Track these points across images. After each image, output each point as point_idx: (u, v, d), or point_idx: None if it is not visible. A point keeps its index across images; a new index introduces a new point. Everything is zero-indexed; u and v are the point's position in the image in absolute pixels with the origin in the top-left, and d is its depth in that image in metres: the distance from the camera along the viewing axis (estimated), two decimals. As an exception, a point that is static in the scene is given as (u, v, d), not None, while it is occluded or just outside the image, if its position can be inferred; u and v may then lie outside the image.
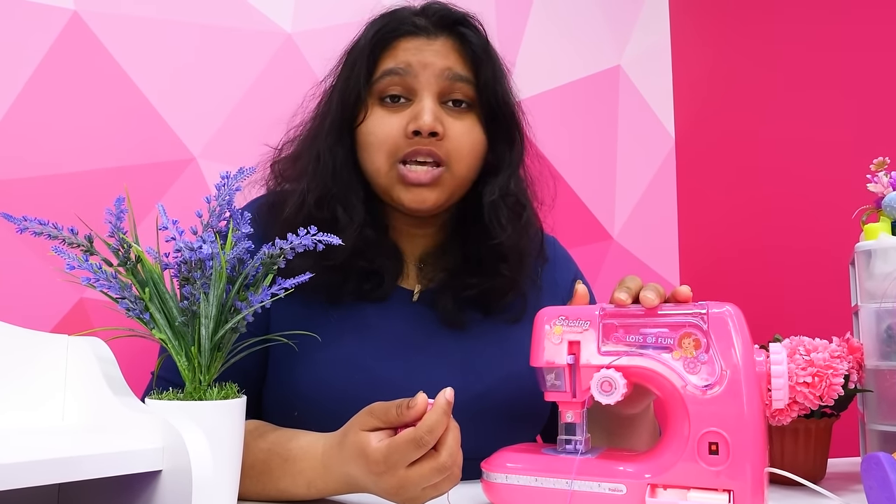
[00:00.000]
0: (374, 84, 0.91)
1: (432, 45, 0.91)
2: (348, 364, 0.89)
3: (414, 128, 0.88)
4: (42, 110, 1.28)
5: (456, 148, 0.90)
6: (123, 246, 0.71)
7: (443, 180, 0.91)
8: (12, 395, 0.73)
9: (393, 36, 0.91)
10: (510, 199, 0.94)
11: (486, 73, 0.92)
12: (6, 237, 1.20)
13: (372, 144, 0.90)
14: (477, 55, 0.92)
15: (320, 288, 0.86)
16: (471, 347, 0.94)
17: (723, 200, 1.70)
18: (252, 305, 0.70)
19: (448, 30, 0.93)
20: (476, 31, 0.94)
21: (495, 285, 0.94)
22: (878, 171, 0.94)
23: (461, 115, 0.92)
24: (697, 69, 1.79)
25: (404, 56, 0.90)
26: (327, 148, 0.91)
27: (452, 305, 0.93)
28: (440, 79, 0.90)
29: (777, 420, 0.83)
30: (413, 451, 0.68)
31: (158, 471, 0.61)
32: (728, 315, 0.71)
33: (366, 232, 0.91)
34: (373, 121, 0.91)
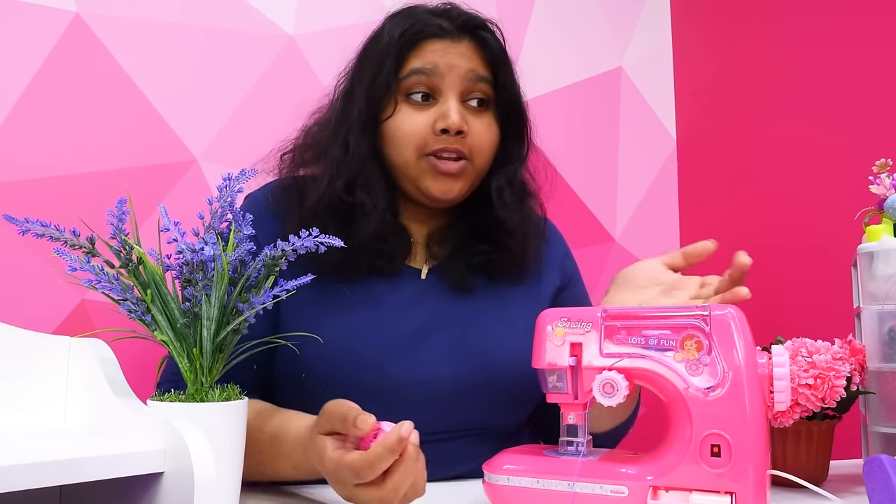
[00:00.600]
0: (400, 81, 0.97)
1: (457, 47, 0.97)
2: (355, 329, 0.95)
3: (443, 126, 0.95)
4: (44, 112, 1.28)
5: (478, 143, 0.98)
6: (125, 247, 0.71)
7: (466, 172, 0.98)
8: (14, 397, 0.73)
9: (420, 37, 0.97)
10: (516, 186, 1.04)
11: (504, 75, 1.00)
12: (8, 238, 1.20)
13: (400, 139, 0.97)
14: (497, 58, 1.00)
15: (338, 266, 0.94)
16: (475, 310, 1.01)
17: (724, 202, 1.70)
18: (254, 307, 0.70)
19: (470, 34, 0.99)
20: (495, 35, 1.01)
21: (501, 255, 1.02)
22: (880, 172, 0.94)
23: (481, 114, 0.99)
24: (699, 70, 1.79)
25: (431, 57, 0.96)
26: (355, 138, 0.97)
27: (462, 269, 1.01)
28: (464, 80, 0.97)
29: (779, 422, 0.83)
30: (354, 478, 0.70)
31: (160, 472, 0.61)
32: (730, 317, 0.71)
33: (387, 217, 0.98)
34: (401, 117, 0.97)
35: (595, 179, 1.76)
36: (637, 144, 1.81)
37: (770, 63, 1.59)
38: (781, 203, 1.55)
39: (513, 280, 1.05)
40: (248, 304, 0.70)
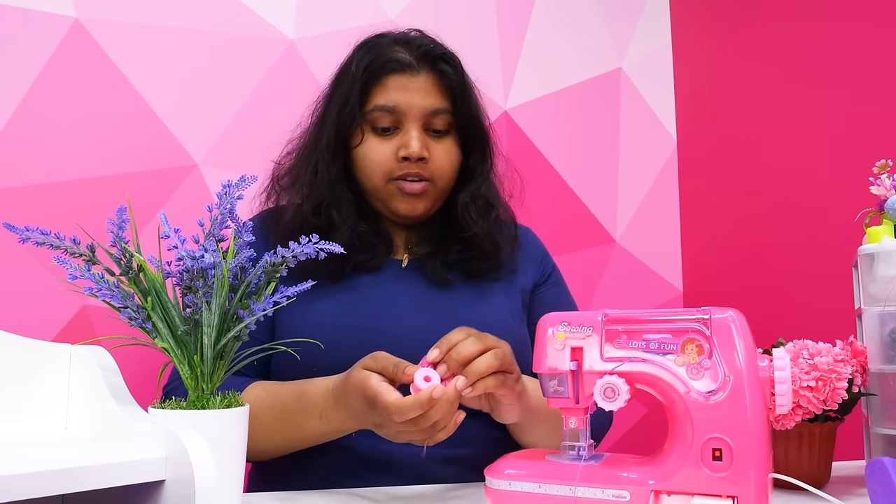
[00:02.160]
0: (366, 115, 1.06)
1: (416, 80, 1.06)
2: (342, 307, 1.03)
3: (404, 154, 1.04)
4: (44, 118, 1.29)
5: (439, 167, 1.07)
6: (125, 255, 0.71)
7: (429, 192, 1.07)
8: (16, 405, 0.73)
9: (381, 73, 1.05)
10: (480, 200, 1.11)
11: (462, 103, 1.08)
12: (8, 245, 1.20)
13: (368, 167, 1.06)
14: (454, 89, 1.08)
15: (323, 270, 1.01)
16: (452, 299, 1.07)
17: (725, 203, 1.70)
18: (254, 314, 0.70)
19: (430, 64, 1.07)
20: (453, 65, 1.08)
21: (474, 255, 1.09)
22: (880, 173, 0.94)
23: (441, 139, 1.08)
24: (699, 71, 1.79)
25: (394, 95, 1.05)
26: (324, 164, 1.06)
27: (439, 266, 1.08)
28: (423, 114, 1.06)
29: (781, 424, 0.83)
30: (385, 414, 0.79)
31: (161, 480, 0.61)
32: (731, 320, 0.70)
33: (360, 228, 1.06)
34: (368, 146, 1.06)
35: (595, 180, 1.76)
36: (637, 145, 1.81)
37: (770, 63, 1.59)
38: (782, 203, 1.55)
39: (489, 277, 1.11)
40: (248, 310, 0.70)
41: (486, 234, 1.09)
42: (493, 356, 0.83)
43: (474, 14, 1.67)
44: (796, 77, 1.53)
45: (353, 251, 1.04)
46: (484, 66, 1.67)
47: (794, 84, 1.54)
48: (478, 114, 1.11)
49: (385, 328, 1.01)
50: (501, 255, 1.11)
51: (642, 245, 1.79)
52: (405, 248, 1.13)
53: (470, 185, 1.11)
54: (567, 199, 1.73)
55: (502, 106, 1.67)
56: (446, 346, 0.83)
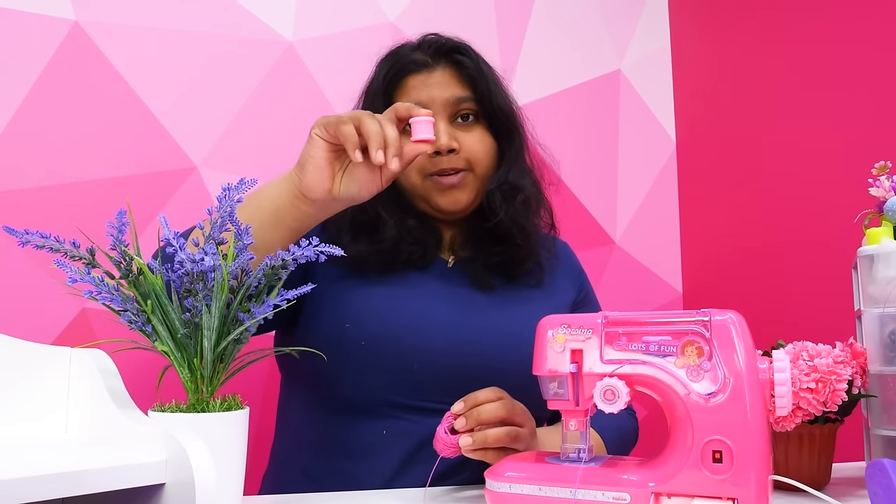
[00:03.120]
0: None
1: (433, 76, 1.07)
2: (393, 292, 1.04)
3: (434, 149, 1.03)
4: (43, 120, 1.29)
5: (472, 154, 1.07)
6: (125, 258, 0.71)
7: (468, 181, 1.08)
8: (16, 408, 0.73)
9: (400, 76, 1.08)
10: (505, 186, 1.09)
11: (483, 89, 1.08)
12: (8, 247, 1.20)
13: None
14: (472, 76, 1.08)
15: (373, 262, 1.04)
16: (496, 304, 1.08)
17: (724, 204, 1.70)
18: (255, 317, 0.70)
19: (445, 58, 1.09)
20: (468, 55, 1.10)
21: (514, 254, 1.10)
22: (879, 174, 0.94)
23: (470, 128, 1.09)
24: (698, 73, 1.79)
25: (414, 94, 1.07)
26: None
27: (481, 270, 1.09)
28: (446, 105, 1.06)
29: (781, 426, 0.83)
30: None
31: (162, 484, 0.61)
32: (731, 322, 0.71)
33: (408, 222, 1.07)
34: None
35: (595, 182, 1.77)
36: (637, 147, 1.81)
37: (769, 65, 1.59)
38: (782, 204, 1.55)
39: (531, 282, 1.12)
40: (248, 313, 0.70)
41: (511, 220, 1.08)
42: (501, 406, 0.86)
43: (473, 16, 1.67)
44: (795, 78, 1.53)
45: (404, 245, 1.06)
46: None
47: (794, 85, 1.54)
48: (502, 100, 1.11)
49: (431, 317, 1.03)
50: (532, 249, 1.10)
51: (642, 246, 1.79)
52: (450, 248, 1.13)
53: (497, 172, 1.10)
54: (567, 200, 1.73)
55: (501, 108, 1.67)
56: (472, 403, 0.86)
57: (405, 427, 0.99)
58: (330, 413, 1.03)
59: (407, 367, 0.99)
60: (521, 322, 1.05)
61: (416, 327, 1.01)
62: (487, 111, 1.09)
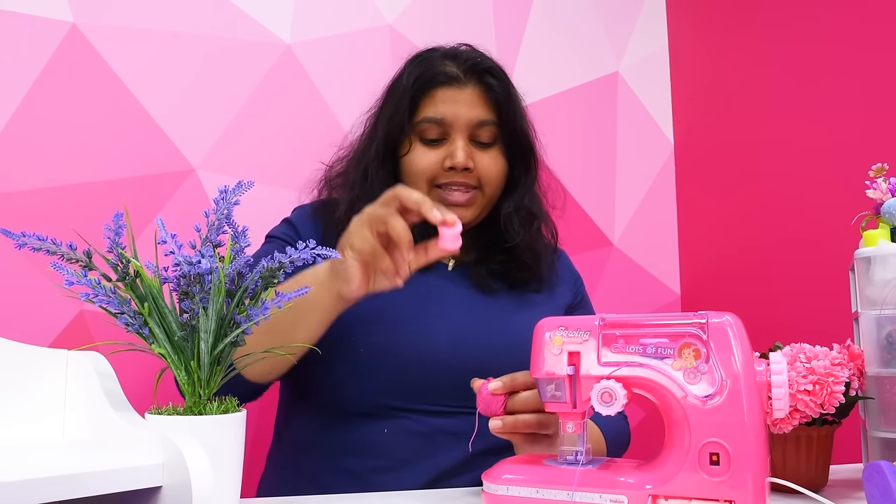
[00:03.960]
0: (415, 125, 1.09)
1: (463, 93, 1.09)
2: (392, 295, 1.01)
3: (450, 164, 1.07)
4: (41, 122, 1.29)
5: (485, 175, 1.10)
6: (122, 261, 0.71)
7: (476, 200, 1.10)
8: (13, 411, 0.73)
9: (430, 85, 1.09)
10: (523, 211, 1.14)
11: (507, 115, 1.11)
12: (5, 249, 1.20)
13: (415, 174, 1.09)
14: (500, 101, 1.11)
15: None
16: (494, 306, 1.10)
17: (722, 205, 1.70)
18: (251, 319, 0.70)
19: (477, 77, 1.10)
20: (499, 79, 1.12)
21: (517, 266, 1.13)
22: (876, 177, 0.94)
23: (487, 149, 1.11)
24: (696, 75, 1.80)
25: (441, 107, 1.08)
26: (374, 170, 1.10)
27: (484, 274, 1.12)
28: (470, 125, 1.09)
29: (778, 428, 0.83)
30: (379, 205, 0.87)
31: (158, 486, 0.61)
32: (728, 325, 0.71)
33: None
34: (415, 154, 1.10)
35: (593, 184, 1.77)
36: (634, 149, 1.81)
37: (766, 67, 1.59)
38: (779, 206, 1.55)
39: (531, 288, 1.14)
40: (245, 316, 0.70)
41: (527, 245, 1.12)
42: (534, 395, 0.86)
43: (471, 18, 1.67)
44: (793, 80, 1.54)
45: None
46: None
47: (791, 87, 1.54)
48: (523, 126, 1.14)
49: (431, 322, 1.04)
50: (541, 267, 1.14)
51: (640, 248, 1.79)
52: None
53: (514, 195, 1.14)
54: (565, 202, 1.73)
55: (499, 110, 1.67)
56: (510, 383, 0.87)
57: (407, 426, 1.00)
58: (331, 416, 1.03)
59: (407, 373, 1.00)
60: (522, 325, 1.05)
61: (415, 333, 1.02)
62: (507, 135, 1.12)
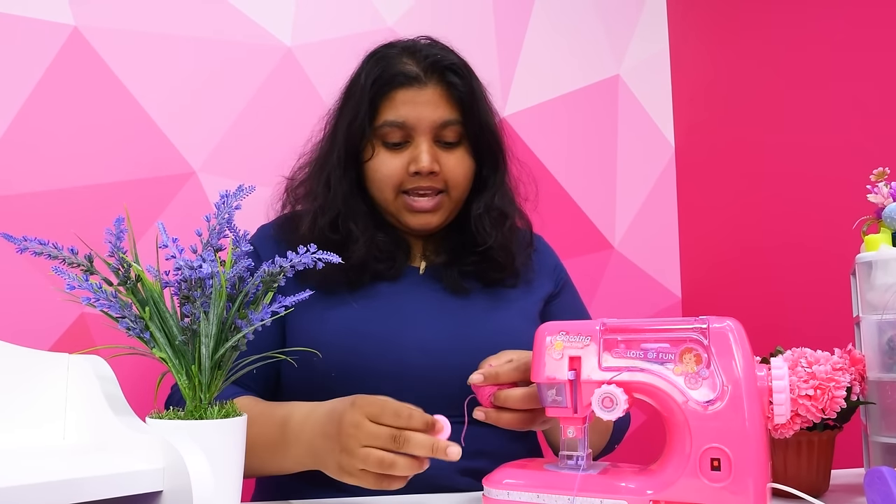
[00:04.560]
0: (376, 130, 1.05)
1: (424, 93, 1.04)
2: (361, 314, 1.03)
3: (415, 169, 1.04)
4: (42, 125, 1.29)
5: (451, 177, 1.06)
6: (123, 265, 0.71)
7: (443, 204, 1.07)
8: (14, 415, 0.73)
9: (389, 87, 1.05)
10: (494, 212, 1.10)
11: (472, 113, 1.07)
12: (6, 251, 1.20)
13: (379, 180, 1.06)
14: (463, 99, 1.06)
15: (341, 279, 1.02)
16: (469, 306, 1.07)
17: (723, 209, 1.70)
18: (253, 324, 0.70)
19: (437, 75, 1.06)
20: (461, 75, 1.07)
21: (490, 266, 1.09)
22: (878, 181, 0.94)
23: (453, 150, 1.07)
24: (696, 77, 1.80)
25: (403, 109, 1.04)
26: (336, 179, 1.07)
27: (456, 275, 1.08)
28: (433, 127, 1.05)
29: (779, 433, 0.83)
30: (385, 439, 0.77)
31: (159, 491, 0.61)
32: (729, 330, 0.71)
33: (378, 238, 1.07)
34: (378, 160, 1.06)
35: (594, 187, 1.77)
36: (635, 151, 1.81)
37: (767, 69, 1.59)
38: (780, 211, 1.55)
39: (507, 285, 1.11)
40: (246, 320, 0.70)
41: (500, 246, 1.09)
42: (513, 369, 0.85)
43: (472, 21, 1.67)
44: (794, 83, 1.54)
45: (372, 261, 1.05)
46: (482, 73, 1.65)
47: (792, 90, 1.54)
48: (489, 122, 1.10)
49: (404, 335, 1.02)
50: (516, 265, 1.11)
51: (640, 251, 1.79)
52: (422, 255, 1.13)
53: (483, 195, 1.10)
54: (565, 205, 1.73)
55: (500, 113, 1.66)
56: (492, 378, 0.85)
57: None
58: None
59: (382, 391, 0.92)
60: (496, 326, 1.06)
61: (387, 350, 1.00)
62: (473, 133, 1.08)
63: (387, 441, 0.76)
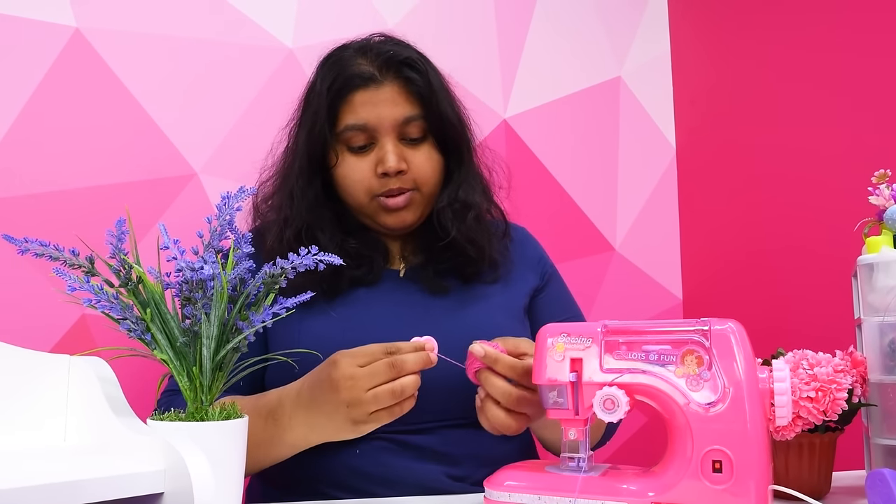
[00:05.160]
0: (338, 135, 1.05)
1: (381, 92, 1.03)
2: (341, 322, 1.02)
3: (382, 170, 1.03)
4: (44, 127, 1.29)
5: (421, 174, 1.05)
6: (125, 267, 0.71)
7: (415, 201, 1.06)
8: (14, 417, 0.73)
9: (346, 91, 1.03)
10: (457, 204, 1.08)
11: (432, 105, 1.05)
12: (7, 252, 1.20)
13: (349, 186, 1.05)
14: (422, 93, 1.05)
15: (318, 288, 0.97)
16: (449, 305, 1.06)
17: (724, 211, 1.70)
18: (254, 325, 0.70)
19: (393, 71, 1.04)
20: (418, 69, 1.05)
21: (465, 260, 1.08)
22: (879, 183, 0.94)
23: (419, 146, 1.06)
24: (698, 79, 1.80)
25: (362, 112, 1.03)
26: (299, 188, 1.06)
27: (433, 276, 1.07)
28: (395, 125, 1.04)
29: (781, 435, 0.83)
30: (384, 372, 0.81)
31: (160, 493, 0.61)
32: (730, 331, 0.71)
33: (348, 244, 1.05)
34: (345, 166, 1.05)
35: (595, 189, 1.76)
36: (637, 153, 1.81)
37: (769, 71, 1.59)
38: (781, 213, 1.55)
39: (487, 279, 1.10)
40: (247, 322, 0.70)
41: (465, 238, 1.07)
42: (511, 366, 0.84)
43: (474, 23, 1.67)
44: (795, 85, 1.54)
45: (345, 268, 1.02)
46: (483, 75, 1.67)
47: (794, 92, 1.54)
48: (451, 114, 1.08)
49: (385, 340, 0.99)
50: (486, 257, 1.09)
51: (642, 253, 1.79)
52: (401, 256, 1.12)
53: (447, 188, 1.09)
54: (566, 207, 1.73)
55: (501, 115, 1.67)
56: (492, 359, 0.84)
57: (379, 444, 0.97)
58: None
59: None
60: (479, 320, 1.06)
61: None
62: (436, 127, 1.06)
63: (386, 374, 0.81)
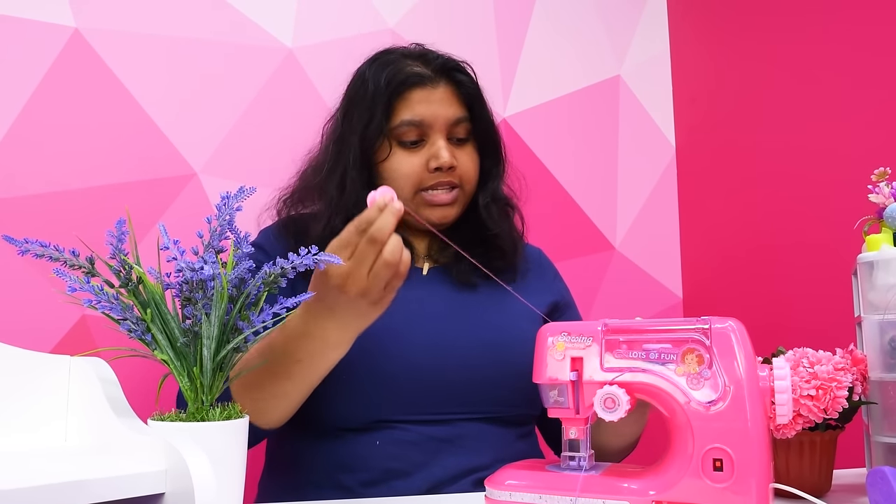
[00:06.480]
0: (392, 129, 1.09)
1: (436, 92, 1.09)
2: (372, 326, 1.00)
3: (435, 165, 1.08)
4: (43, 127, 1.29)
5: (465, 172, 1.11)
6: (125, 267, 0.71)
7: (458, 198, 1.11)
8: (15, 417, 0.73)
9: (403, 87, 1.08)
10: (500, 201, 1.17)
11: (479, 110, 1.13)
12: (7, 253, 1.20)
13: (398, 179, 1.09)
14: (471, 96, 1.12)
15: None
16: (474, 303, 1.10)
17: (724, 209, 1.70)
18: (254, 325, 0.70)
19: (447, 76, 1.11)
20: (467, 75, 1.13)
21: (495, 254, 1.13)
22: (879, 181, 0.94)
23: (464, 146, 1.12)
24: (697, 78, 1.80)
25: (418, 108, 1.08)
26: (351, 179, 1.08)
27: (464, 269, 1.10)
28: (447, 124, 1.09)
29: (781, 433, 0.83)
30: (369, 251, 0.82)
31: (161, 493, 0.61)
32: (731, 330, 0.71)
33: None
34: (396, 160, 1.09)
35: (595, 188, 1.77)
36: (636, 152, 1.81)
37: (768, 70, 1.59)
38: (781, 211, 1.55)
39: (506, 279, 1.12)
40: (248, 322, 0.70)
41: (507, 234, 1.14)
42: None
43: (473, 22, 1.67)
44: (795, 84, 1.53)
45: None
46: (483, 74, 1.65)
47: (793, 91, 1.54)
48: (491, 119, 1.16)
49: (410, 334, 1.03)
50: (518, 252, 1.16)
51: (642, 252, 1.79)
52: (425, 256, 1.14)
53: (487, 186, 1.15)
54: (566, 206, 1.73)
55: (501, 113, 1.67)
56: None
57: (399, 436, 0.99)
58: (321, 433, 1.02)
59: (391, 388, 0.99)
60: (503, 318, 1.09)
61: (391, 352, 1.01)
62: (479, 129, 1.13)
63: (372, 251, 0.83)
